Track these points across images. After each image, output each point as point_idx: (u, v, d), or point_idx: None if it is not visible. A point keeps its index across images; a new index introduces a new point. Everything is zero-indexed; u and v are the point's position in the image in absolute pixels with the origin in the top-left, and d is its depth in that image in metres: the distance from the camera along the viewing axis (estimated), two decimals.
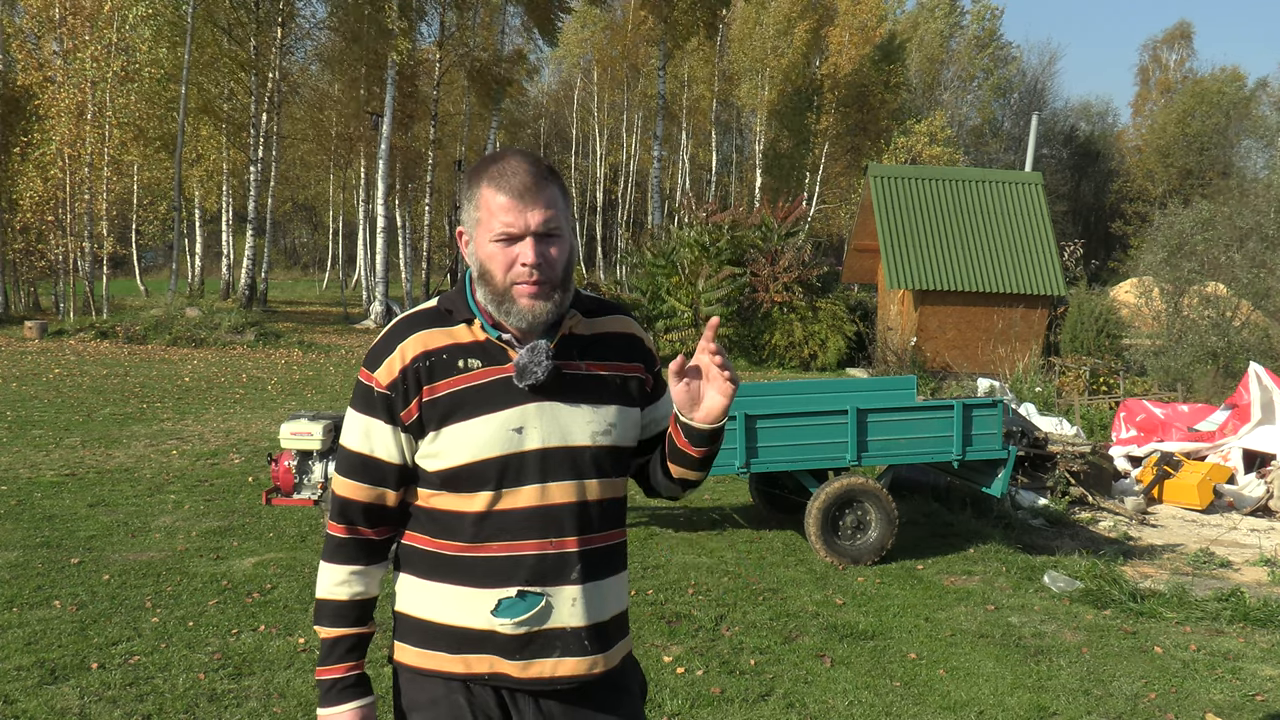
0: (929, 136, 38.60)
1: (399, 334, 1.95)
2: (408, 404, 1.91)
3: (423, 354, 1.92)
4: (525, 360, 1.90)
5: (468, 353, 1.93)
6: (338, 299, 34.76)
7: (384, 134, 27.58)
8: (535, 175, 1.89)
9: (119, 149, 24.28)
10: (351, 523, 1.97)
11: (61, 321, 22.38)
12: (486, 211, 1.89)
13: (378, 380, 1.92)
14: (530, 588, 1.91)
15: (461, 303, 1.98)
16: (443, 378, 1.91)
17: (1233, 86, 51.04)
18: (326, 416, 6.85)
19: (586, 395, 1.97)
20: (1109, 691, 4.86)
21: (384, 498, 1.97)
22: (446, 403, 1.90)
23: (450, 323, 1.96)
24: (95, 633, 5.02)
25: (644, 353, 2.10)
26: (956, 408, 6.96)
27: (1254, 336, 15.05)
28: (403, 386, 1.91)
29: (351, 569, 1.97)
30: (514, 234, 1.88)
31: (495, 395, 1.91)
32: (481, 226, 1.91)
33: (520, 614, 1.91)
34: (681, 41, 35.36)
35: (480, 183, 1.91)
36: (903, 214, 19.26)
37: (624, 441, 2.02)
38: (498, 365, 1.93)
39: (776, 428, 6.83)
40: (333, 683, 1.96)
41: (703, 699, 4.53)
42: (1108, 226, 49.30)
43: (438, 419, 1.90)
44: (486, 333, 1.94)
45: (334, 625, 1.97)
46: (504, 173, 1.89)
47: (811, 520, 6.82)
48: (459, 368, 1.92)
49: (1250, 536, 8.52)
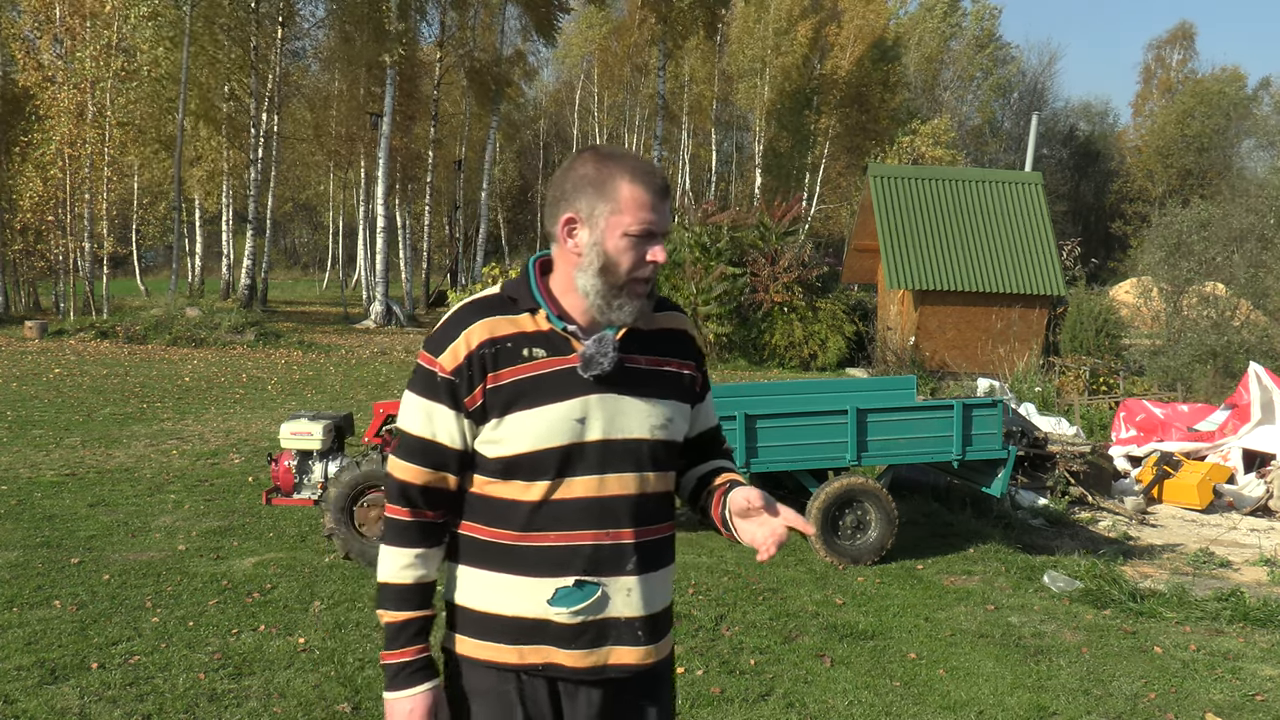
0: (933, 138, 38.60)
1: (464, 320, 1.96)
2: (472, 390, 1.92)
3: (488, 341, 1.93)
4: (592, 351, 1.93)
5: (532, 342, 1.94)
6: (338, 299, 34.75)
7: (384, 134, 27.58)
8: (665, 180, 1.96)
9: (119, 149, 24.28)
10: (414, 505, 1.97)
11: (62, 321, 22.38)
12: (627, 204, 1.90)
13: (441, 365, 1.93)
14: (587, 578, 1.93)
15: (526, 291, 1.99)
16: (507, 365, 1.93)
17: (1233, 87, 51.04)
18: (326, 416, 6.85)
19: (646, 389, 2.00)
20: (1109, 691, 4.87)
21: (444, 481, 1.98)
22: (510, 390, 1.92)
23: (514, 311, 1.97)
24: (95, 633, 5.02)
25: (696, 351, 2.14)
26: (956, 408, 6.96)
27: (1253, 336, 15.05)
28: (467, 372, 1.92)
29: (415, 552, 1.97)
30: (653, 232, 1.92)
31: (559, 385, 1.93)
32: (616, 218, 1.91)
33: (577, 603, 1.93)
34: (681, 41, 35.35)
35: (618, 175, 1.92)
36: (903, 214, 19.26)
37: (678, 436, 2.06)
38: (561, 355, 1.94)
39: (776, 428, 6.83)
40: (401, 666, 1.96)
41: (703, 699, 4.53)
42: (1107, 226, 49.32)
43: (501, 406, 1.92)
44: (551, 323, 1.96)
45: (400, 609, 1.97)
46: (643, 170, 1.93)
47: (811, 520, 6.82)
48: (523, 356, 1.93)
49: (1250, 536, 8.52)
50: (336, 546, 6.33)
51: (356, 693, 4.44)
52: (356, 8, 27.98)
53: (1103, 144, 57.81)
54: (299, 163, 37.76)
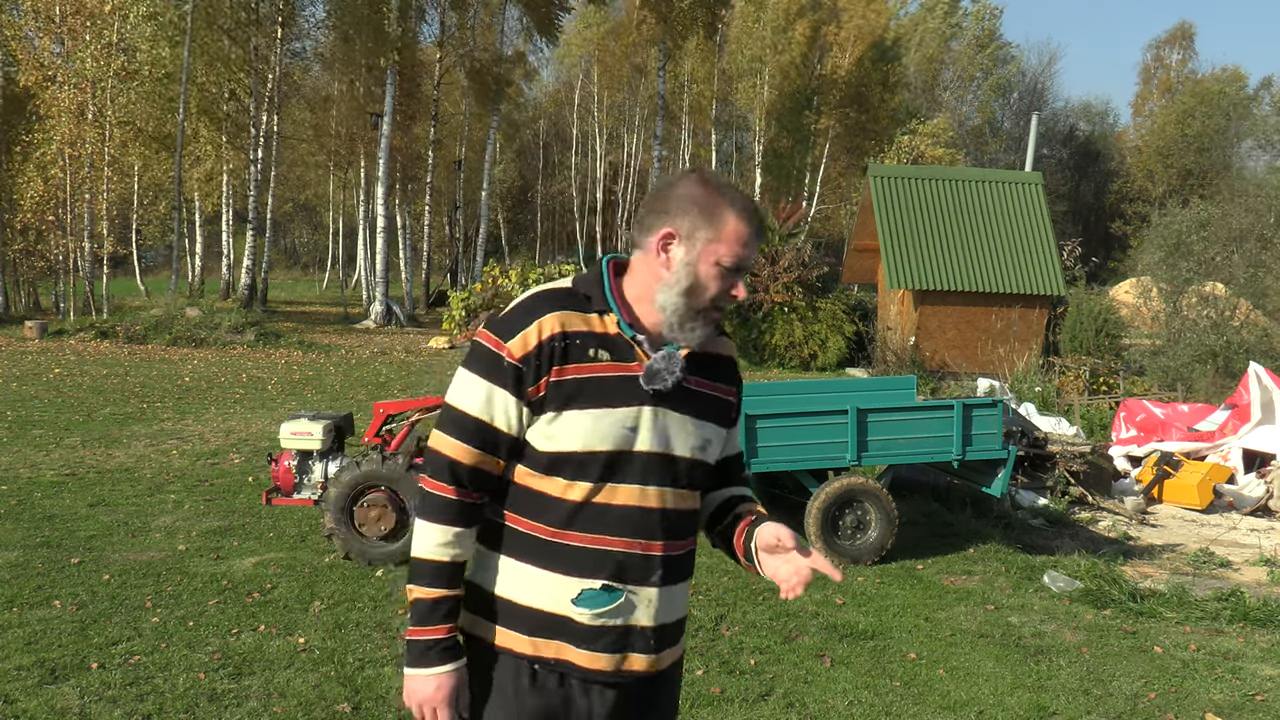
0: (932, 138, 38.60)
1: (538, 308, 1.97)
2: (538, 380, 1.94)
3: (560, 334, 1.94)
4: (660, 365, 1.97)
5: (599, 343, 1.97)
6: (338, 299, 34.75)
7: (384, 134, 27.58)
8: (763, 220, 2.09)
9: (119, 149, 24.28)
10: (460, 484, 1.97)
11: (62, 321, 22.38)
12: (728, 236, 1.96)
13: (510, 350, 1.94)
14: (614, 583, 1.96)
15: (599, 292, 2.02)
16: (574, 361, 1.95)
17: (1234, 87, 51.03)
18: (326, 416, 6.86)
19: (694, 409, 2.04)
20: (1109, 691, 4.87)
21: (493, 465, 1.99)
22: (572, 387, 1.94)
23: (587, 309, 1.99)
24: (95, 632, 5.02)
25: (738, 378, 2.19)
26: (956, 408, 6.96)
27: (1253, 336, 15.05)
28: (535, 361, 1.93)
29: (456, 530, 1.98)
30: (743, 267, 1.99)
31: (617, 390, 1.96)
32: (714, 245, 1.96)
33: (601, 606, 1.96)
34: (680, 41, 35.34)
35: (726, 206, 1.97)
36: (903, 214, 19.25)
37: (712, 459, 2.11)
38: (624, 362, 1.97)
39: (776, 428, 6.83)
40: (432, 644, 1.97)
41: (703, 699, 4.53)
42: (1107, 226, 49.31)
43: (561, 401, 1.94)
44: (620, 329, 1.99)
45: (434, 586, 1.97)
46: (749, 208, 2.00)
47: (811, 520, 6.82)
48: (589, 356, 1.96)
49: (1250, 536, 8.52)
50: (336, 546, 6.33)
51: (356, 693, 4.44)
52: (356, 9, 27.98)
53: (1103, 144, 57.79)
54: (299, 163, 37.76)
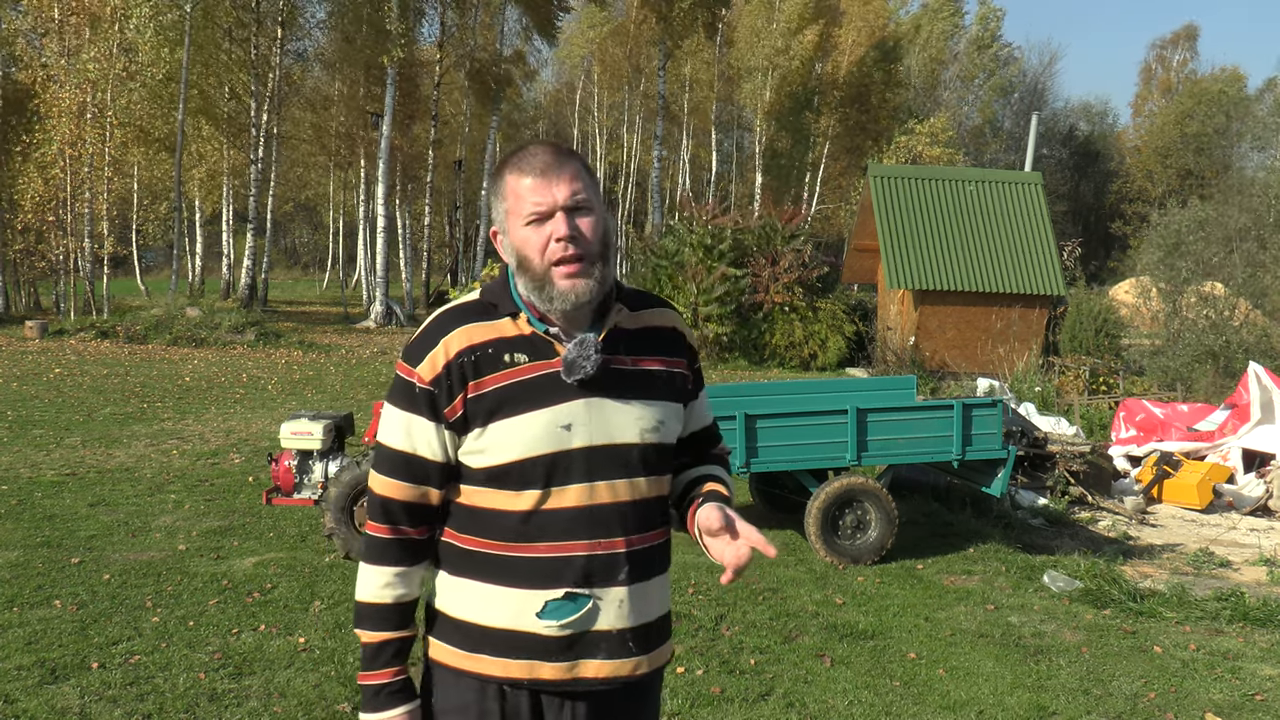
0: (930, 137, 38.60)
1: (442, 328, 1.90)
2: (452, 400, 1.86)
3: (467, 349, 1.87)
4: (574, 355, 1.87)
5: (513, 347, 1.89)
6: (338, 299, 34.75)
7: (384, 134, 27.58)
8: (556, 153, 1.89)
9: (120, 149, 24.27)
10: (395, 522, 1.91)
11: (62, 321, 22.38)
12: (514, 198, 1.87)
13: (419, 376, 1.87)
14: (578, 589, 1.87)
15: (505, 296, 1.94)
16: (489, 373, 1.87)
17: (1233, 87, 51.04)
18: (327, 416, 6.86)
19: (635, 391, 1.93)
20: (1109, 691, 4.87)
21: (427, 496, 1.92)
22: (493, 399, 1.86)
23: (494, 316, 1.91)
24: (96, 632, 5.02)
25: (687, 347, 2.08)
26: (956, 408, 6.96)
27: (1253, 336, 15.05)
28: (447, 382, 1.86)
29: (396, 570, 1.91)
30: (543, 211, 1.85)
31: (543, 391, 1.87)
32: (511, 215, 1.88)
33: (567, 616, 1.87)
34: (680, 41, 35.35)
35: (504, 173, 1.91)
36: (903, 214, 19.26)
37: (670, 438, 2.00)
38: (544, 360, 1.88)
39: (776, 428, 6.83)
40: (379, 688, 1.91)
41: (703, 699, 4.54)
42: (1107, 226, 49.32)
43: (484, 415, 1.86)
44: (533, 326, 1.90)
45: (378, 629, 1.92)
46: (525, 157, 1.89)
47: (811, 520, 6.82)
48: (505, 362, 1.87)
49: (1250, 536, 8.52)
50: (337, 546, 6.34)
51: (357, 693, 4.44)
52: (357, 8, 27.98)
53: (1102, 144, 57.80)
54: (299, 163, 37.77)
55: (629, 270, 28.66)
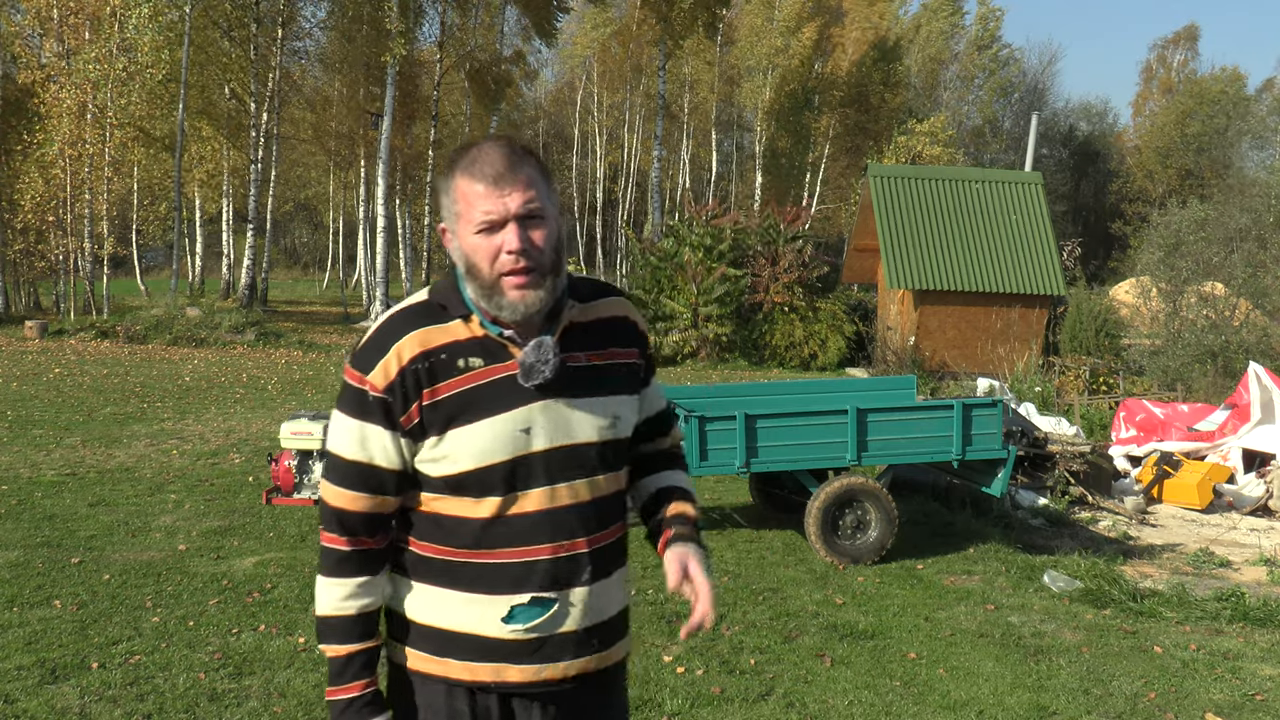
0: (930, 136, 38.61)
1: (394, 332, 1.84)
2: (407, 408, 1.81)
3: (421, 354, 1.81)
4: (532, 359, 1.82)
5: (468, 351, 1.83)
6: (338, 299, 34.76)
7: (384, 134, 27.58)
8: (510, 157, 1.80)
9: (120, 149, 24.27)
10: (353, 534, 1.86)
11: (62, 321, 22.38)
12: (464, 203, 1.80)
13: (372, 383, 1.81)
14: (544, 593, 1.85)
15: (455, 298, 1.88)
16: (444, 379, 1.81)
17: (1233, 87, 51.03)
18: (327, 416, 6.86)
19: (591, 389, 1.90)
20: (1109, 691, 4.87)
21: (384, 505, 1.87)
22: (450, 405, 1.81)
23: (446, 319, 1.86)
24: (95, 632, 5.02)
25: (638, 336, 2.03)
26: (956, 407, 6.96)
27: (1253, 336, 15.05)
28: (401, 389, 1.80)
29: (358, 581, 1.87)
30: (495, 221, 1.78)
31: (500, 395, 1.82)
32: (461, 220, 1.81)
33: (533, 619, 1.85)
34: (680, 40, 35.35)
35: (454, 174, 1.82)
36: (903, 214, 19.26)
37: (627, 432, 1.97)
38: (500, 363, 1.83)
39: (776, 427, 6.84)
40: (348, 702, 1.87)
41: (703, 699, 4.54)
42: (1107, 226, 49.26)
43: (441, 422, 1.81)
44: (486, 329, 1.84)
45: (344, 642, 1.87)
46: (477, 160, 1.80)
47: (811, 520, 6.82)
48: (460, 368, 1.82)
49: (1250, 536, 8.52)
50: None
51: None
52: (358, 7, 27.98)
53: (1102, 144, 57.79)
54: (299, 163, 37.78)
55: (628, 270, 28.66)
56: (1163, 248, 17.14)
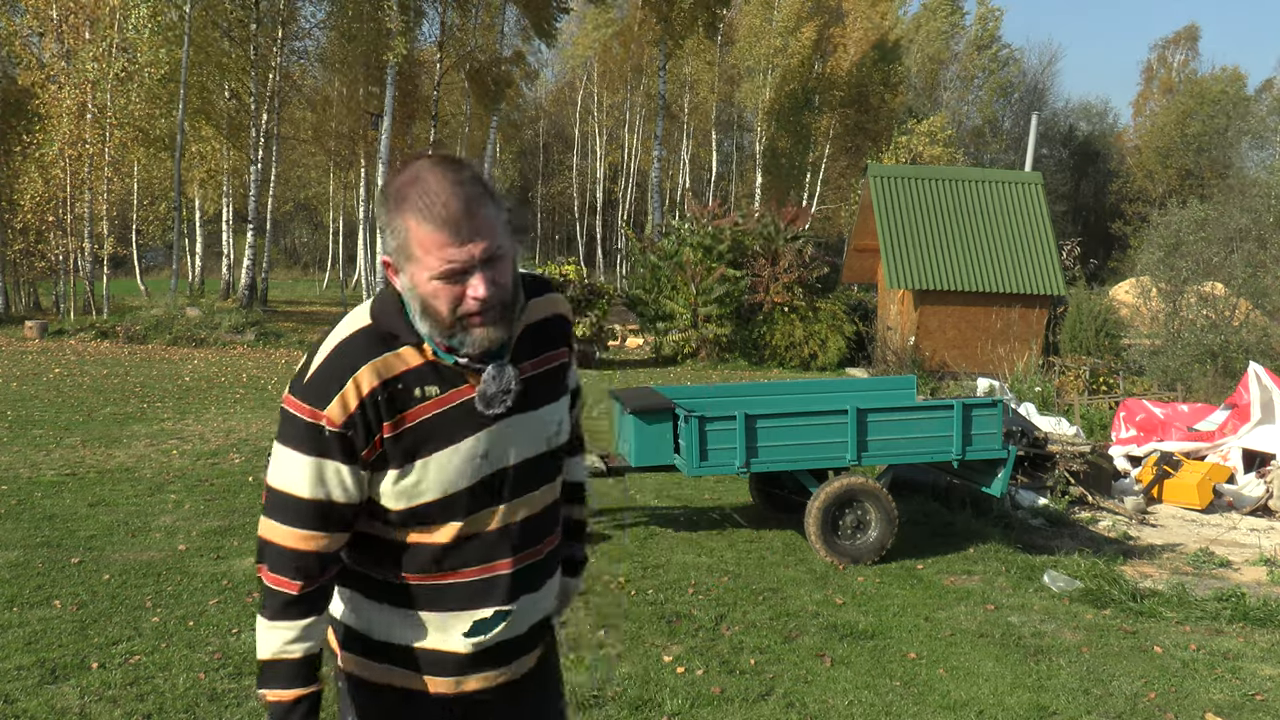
0: (929, 136, 38.61)
1: (349, 362, 1.72)
2: (369, 441, 1.72)
3: (380, 385, 1.71)
4: (493, 390, 1.76)
5: (423, 379, 1.75)
6: (338, 299, 34.76)
7: (384, 134, 27.58)
8: (464, 196, 1.65)
9: (119, 149, 24.27)
10: (308, 575, 1.75)
11: (62, 321, 22.38)
12: (420, 248, 1.66)
13: (329, 417, 1.69)
14: (505, 605, 1.84)
15: (402, 324, 1.75)
16: (404, 409, 1.73)
17: (1233, 87, 51.04)
18: None
19: (535, 400, 1.85)
20: (1109, 691, 4.87)
21: (339, 541, 1.78)
22: (410, 437, 1.73)
23: (395, 346, 1.75)
24: (95, 632, 5.02)
25: (568, 332, 1.98)
26: (956, 407, 6.97)
27: (1253, 336, 15.05)
28: (363, 422, 1.70)
29: (305, 624, 1.77)
30: (457, 270, 1.67)
31: (458, 424, 1.76)
32: (416, 264, 1.67)
33: (493, 629, 1.83)
34: (680, 40, 35.35)
35: (403, 213, 1.67)
36: (903, 214, 19.27)
37: (567, 432, 1.96)
38: (455, 389, 1.76)
39: (776, 428, 6.84)
40: None
41: (703, 699, 4.54)
42: (1107, 226, 49.28)
43: (402, 455, 1.73)
44: (439, 357, 1.76)
45: (289, 686, 1.78)
46: (426, 199, 1.65)
47: (811, 520, 6.82)
48: (417, 396, 1.74)
49: (1250, 536, 8.52)
50: None
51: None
52: (358, 6, 27.99)
53: (1102, 144, 57.81)
54: (299, 163, 37.78)
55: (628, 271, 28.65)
56: (1162, 248, 17.15)
